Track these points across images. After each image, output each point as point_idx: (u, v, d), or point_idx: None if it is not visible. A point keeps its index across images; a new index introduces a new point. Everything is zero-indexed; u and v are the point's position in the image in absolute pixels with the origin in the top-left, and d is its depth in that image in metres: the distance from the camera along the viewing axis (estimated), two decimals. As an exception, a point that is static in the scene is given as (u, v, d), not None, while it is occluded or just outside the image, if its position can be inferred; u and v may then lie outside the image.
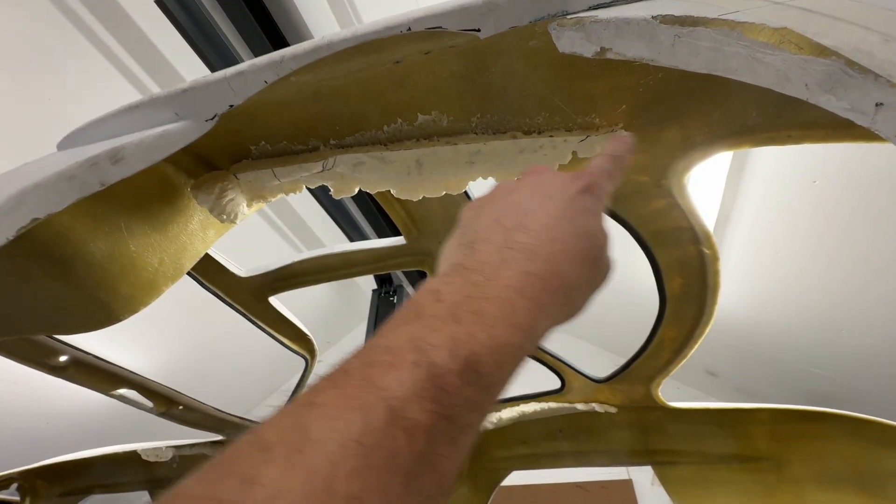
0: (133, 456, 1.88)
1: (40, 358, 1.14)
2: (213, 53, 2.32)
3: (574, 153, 0.59)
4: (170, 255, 0.62)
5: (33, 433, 3.48)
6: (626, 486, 4.17)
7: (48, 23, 2.38)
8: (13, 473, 1.74)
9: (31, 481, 1.80)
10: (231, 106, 0.45)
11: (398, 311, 0.26)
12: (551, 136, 0.58)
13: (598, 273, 0.33)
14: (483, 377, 0.23)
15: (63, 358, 1.18)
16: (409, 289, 3.61)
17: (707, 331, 1.01)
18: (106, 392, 1.38)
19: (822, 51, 0.23)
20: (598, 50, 0.36)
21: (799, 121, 0.50)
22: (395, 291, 3.30)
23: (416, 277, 5.60)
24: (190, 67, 2.72)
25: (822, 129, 0.50)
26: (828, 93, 0.24)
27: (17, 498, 1.79)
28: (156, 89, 2.81)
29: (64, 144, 0.50)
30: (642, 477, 4.04)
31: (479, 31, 0.37)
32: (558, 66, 0.49)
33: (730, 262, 2.07)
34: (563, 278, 0.29)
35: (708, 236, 0.78)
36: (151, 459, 1.88)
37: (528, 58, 0.48)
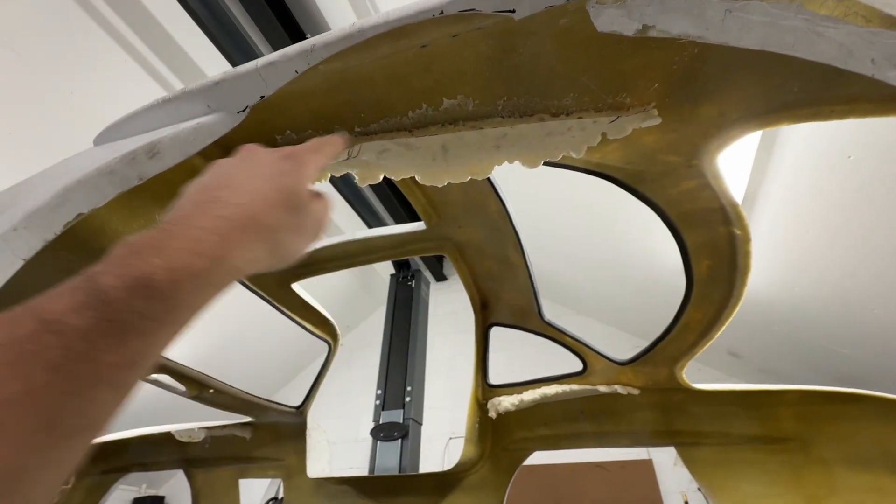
0: (167, 437, 1.96)
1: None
2: (230, 43, 2.33)
3: (604, 134, 0.57)
4: (202, 246, 0.63)
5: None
6: (646, 465, 4.20)
7: (68, 18, 2.41)
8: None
9: (75, 460, 1.90)
10: (262, 97, 0.45)
11: None
12: (580, 117, 0.57)
13: (302, 223, 0.41)
14: (156, 291, 0.28)
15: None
16: (426, 273, 3.63)
17: (734, 313, 0.99)
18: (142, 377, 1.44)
19: (893, 23, 0.22)
20: (640, 28, 0.34)
21: (844, 95, 0.48)
22: (412, 276, 3.32)
23: (433, 260, 5.63)
24: (204, 54, 2.73)
25: (869, 102, 0.47)
26: (896, 68, 0.22)
27: (62, 476, 1.90)
28: (173, 80, 2.84)
29: (100, 139, 0.51)
30: (662, 457, 4.05)
31: (513, 11, 0.36)
32: (589, 45, 0.48)
33: (758, 238, 2.01)
34: (258, 220, 0.36)
35: (740, 217, 0.76)
36: (184, 440, 1.96)
37: (558, 37, 0.47)
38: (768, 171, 1.70)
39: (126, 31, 2.57)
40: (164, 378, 1.47)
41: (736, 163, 1.76)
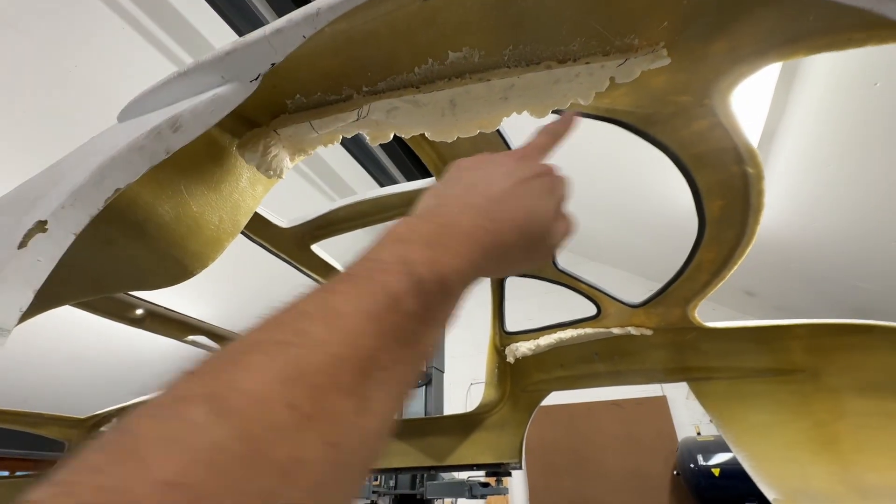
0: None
1: (122, 312, 1.27)
2: (229, 7, 2.25)
3: (612, 79, 0.57)
4: (227, 213, 0.66)
5: (118, 378, 3.94)
6: (661, 402, 4.36)
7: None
8: (113, 410, 2.01)
9: (127, 417, 2.07)
10: (273, 64, 0.46)
11: (381, 235, 0.34)
12: (587, 62, 0.56)
13: (537, 248, 0.41)
14: (447, 289, 0.31)
15: (139, 311, 1.32)
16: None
17: (747, 252, 1.00)
18: (179, 338, 1.54)
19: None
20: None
21: (863, 21, 0.46)
22: (426, 232, 3.34)
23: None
24: (207, 24, 2.65)
25: (889, 28, 0.46)
26: None
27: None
28: (177, 49, 2.78)
29: (123, 115, 0.53)
30: (676, 393, 4.20)
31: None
32: (596, -16, 0.46)
33: (774, 175, 1.96)
34: (502, 238, 0.37)
35: (753, 154, 0.75)
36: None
37: (563, -21, 0.46)
38: (788, 105, 1.63)
39: (126, 2, 2.50)
40: (200, 339, 1.57)
41: (754, 99, 1.69)
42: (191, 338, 1.54)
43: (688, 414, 4.10)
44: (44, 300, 0.65)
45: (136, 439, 0.17)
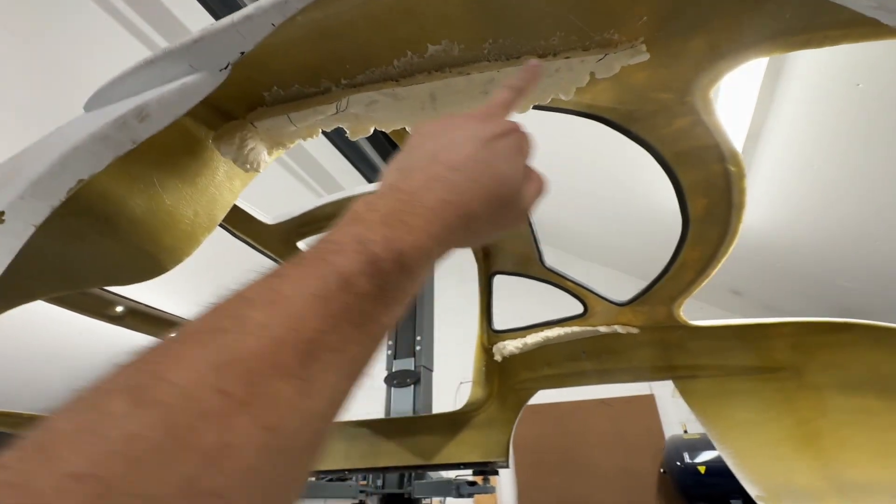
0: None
1: (101, 309, 1.25)
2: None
3: (592, 74, 0.56)
4: (203, 207, 0.65)
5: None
6: (649, 400, 4.40)
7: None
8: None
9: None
10: (242, 53, 0.44)
11: (341, 217, 0.33)
12: (567, 57, 0.56)
13: (508, 213, 0.40)
14: (406, 268, 0.30)
15: (119, 308, 1.29)
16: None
17: (731, 250, 1.01)
18: (159, 336, 1.51)
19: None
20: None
21: (838, 20, 0.46)
22: (416, 230, 3.34)
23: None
24: (192, 16, 2.62)
25: (864, 26, 0.46)
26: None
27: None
28: (159, 39, 2.74)
29: (90, 105, 0.52)
30: (663, 391, 4.23)
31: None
32: (574, -22, 0.46)
33: (759, 175, 1.98)
34: (469, 208, 0.36)
35: (734, 153, 0.75)
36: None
37: (541, -27, 0.46)
38: (772, 106, 1.65)
39: None
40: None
41: (739, 100, 1.70)
42: (171, 335, 1.51)
43: (675, 412, 4.13)
44: (14, 295, 0.63)
45: (49, 434, 0.17)
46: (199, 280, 3.94)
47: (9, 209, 0.37)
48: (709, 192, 0.86)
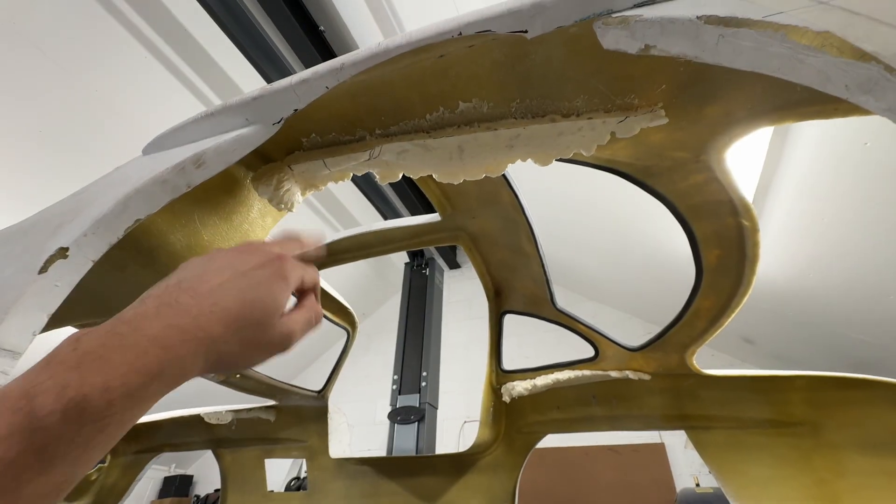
0: (197, 419, 2.07)
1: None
2: (241, 33, 2.38)
3: (612, 133, 0.60)
4: (236, 242, 0.68)
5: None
6: (659, 449, 4.24)
7: (94, 18, 2.47)
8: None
9: (111, 440, 2.01)
10: (295, 110, 0.49)
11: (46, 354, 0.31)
12: (590, 118, 0.59)
13: (261, 339, 0.39)
14: (89, 414, 0.28)
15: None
16: (439, 261, 3.68)
17: (744, 301, 1.01)
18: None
19: (862, 55, 0.24)
20: (643, 47, 0.37)
21: (847, 94, 0.50)
22: (426, 264, 3.37)
23: (446, 249, 5.68)
24: (216, 46, 2.78)
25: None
26: (867, 94, 0.25)
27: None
28: (195, 79, 2.90)
29: (148, 149, 0.56)
30: (674, 440, 4.09)
31: (526, 31, 0.39)
32: (597, 51, 0.50)
33: (771, 226, 2.00)
34: (206, 333, 0.34)
35: (748, 208, 0.78)
36: (213, 422, 2.07)
37: (568, 44, 0.50)
38: (782, 160, 1.69)
39: (150, 32, 2.63)
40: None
41: (749, 152, 1.75)
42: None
43: (686, 463, 3.97)
44: (50, 322, 0.66)
45: None
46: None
47: (73, 245, 0.40)
48: (722, 244, 0.88)
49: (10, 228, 0.53)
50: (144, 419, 2.09)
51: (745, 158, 1.77)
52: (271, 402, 2.05)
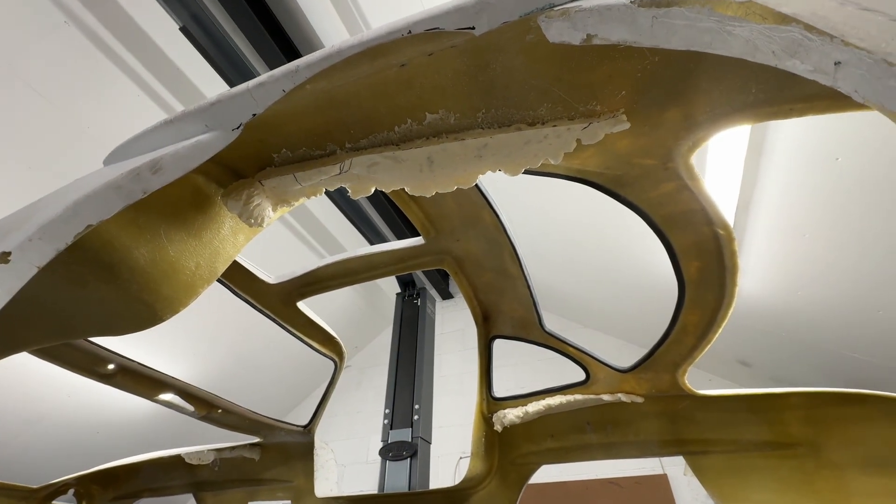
0: (177, 460, 1.97)
1: (92, 366, 1.22)
2: (232, 70, 2.45)
3: (578, 140, 0.61)
4: (205, 259, 0.67)
5: (85, 442, 3.68)
6: (661, 480, 4.08)
7: (82, 54, 2.55)
8: (70, 479, 1.86)
9: (86, 486, 1.91)
10: (254, 115, 0.49)
11: None
12: (555, 125, 0.60)
13: None
14: None
15: (111, 366, 1.27)
16: (431, 291, 3.65)
17: (730, 314, 1.00)
18: (150, 397, 1.46)
19: (783, 18, 0.25)
20: (585, 37, 0.38)
21: (801, 94, 0.51)
22: (418, 294, 3.35)
23: (438, 278, 5.66)
24: (210, 84, 2.86)
25: (824, 100, 0.50)
26: (793, 57, 0.25)
27: (73, 503, 1.91)
28: (181, 108, 2.97)
29: (109, 160, 0.56)
30: (677, 471, 3.94)
31: (473, 28, 0.40)
32: (556, 58, 0.51)
33: (754, 245, 2.02)
34: None
35: (721, 218, 0.78)
36: (194, 462, 1.97)
37: (526, 52, 0.51)
38: (759, 178, 1.72)
39: (135, 63, 2.71)
40: (174, 398, 1.50)
41: (726, 171, 1.78)
42: (162, 397, 1.46)
43: (691, 495, 3.81)
44: (8, 342, 0.63)
45: None
46: (193, 342, 3.88)
47: (16, 250, 0.38)
48: (701, 255, 0.88)
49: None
50: (122, 462, 1.99)
51: (723, 174, 1.80)
52: (255, 440, 1.97)
